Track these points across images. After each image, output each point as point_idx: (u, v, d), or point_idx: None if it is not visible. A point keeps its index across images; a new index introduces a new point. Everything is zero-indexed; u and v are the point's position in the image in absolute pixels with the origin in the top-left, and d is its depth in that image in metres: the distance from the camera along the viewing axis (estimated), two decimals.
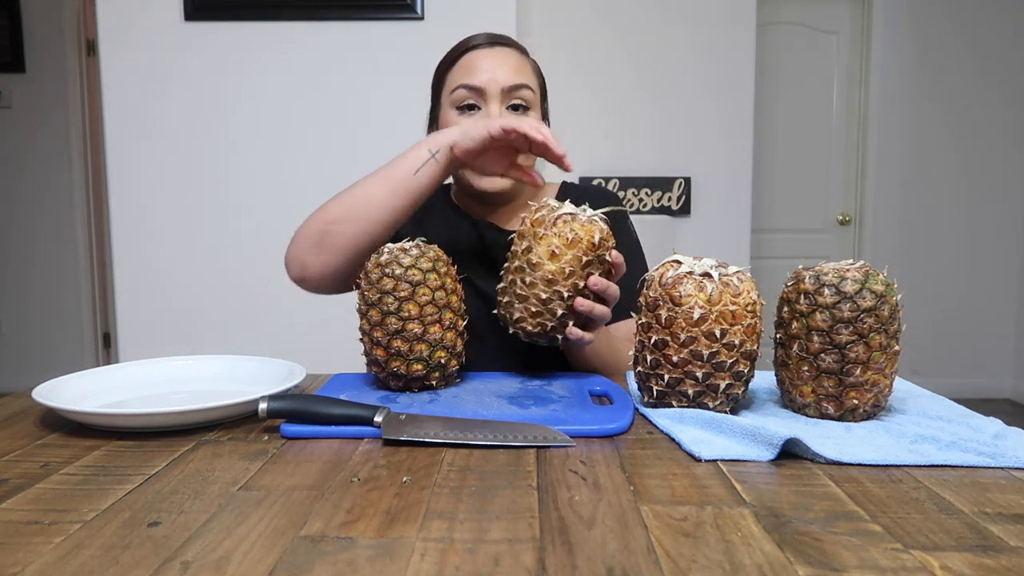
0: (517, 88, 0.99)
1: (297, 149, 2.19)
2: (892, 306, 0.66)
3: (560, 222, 0.77)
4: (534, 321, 0.80)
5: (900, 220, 3.63)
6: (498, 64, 1.00)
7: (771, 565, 0.40)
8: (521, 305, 0.80)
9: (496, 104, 0.99)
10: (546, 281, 0.77)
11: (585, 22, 3.09)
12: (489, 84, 0.98)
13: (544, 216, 0.78)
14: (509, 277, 0.81)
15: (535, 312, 0.79)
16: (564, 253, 0.76)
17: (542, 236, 0.77)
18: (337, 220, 0.93)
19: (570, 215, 0.78)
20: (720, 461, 0.57)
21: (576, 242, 0.77)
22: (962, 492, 0.51)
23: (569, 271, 0.77)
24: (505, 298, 0.82)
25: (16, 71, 3.63)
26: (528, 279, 0.78)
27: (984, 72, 3.56)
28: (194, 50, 2.15)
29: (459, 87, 1.00)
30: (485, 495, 0.50)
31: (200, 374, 0.86)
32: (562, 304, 0.78)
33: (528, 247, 0.78)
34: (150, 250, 2.20)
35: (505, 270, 0.83)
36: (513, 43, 1.05)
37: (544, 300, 0.78)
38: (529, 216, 0.80)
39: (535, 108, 1.03)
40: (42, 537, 0.44)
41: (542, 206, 0.80)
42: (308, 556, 0.41)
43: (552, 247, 0.77)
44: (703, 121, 3.10)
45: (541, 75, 1.07)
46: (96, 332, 3.85)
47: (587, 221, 0.78)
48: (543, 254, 0.77)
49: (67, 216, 3.74)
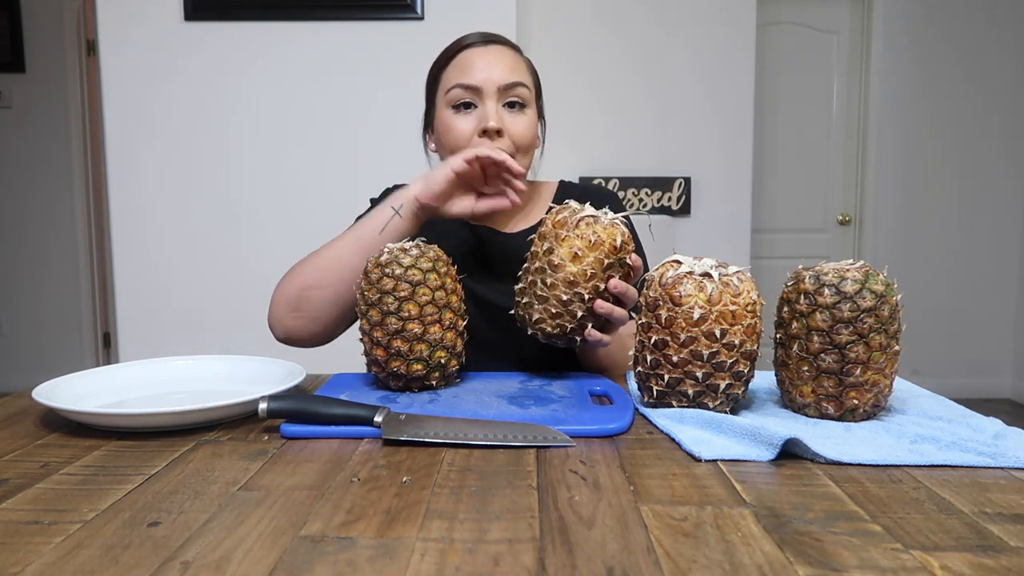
0: (513, 86, 0.99)
1: (297, 149, 2.19)
2: (892, 306, 0.66)
3: (583, 224, 0.77)
4: (553, 323, 0.79)
5: (900, 220, 3.63)
6: (493, 62, 0.99)
7: (771, 565, 0.40)
8: (541, 306, 0.79)
9: (492, 102, 0.98)
10: (567, 283, 0.77)
11: (585, 22, 3.09)
12: (485, 83, 0.98)
13: (566, 218, 0.78)
14: (529, 278, 0.80)
15: (555, 314, 0.78)
16: (586, 255, 0.76)
17: (564, 238, 0.77)
18: (311, 286, 0.93)
19: (592, 217, 0.77)
20: (720, 461, 0.57)
21: (598, 244, 0.76)
22: (962, 492, 0.51)
23: (591, 273, 0.76)
24: (524, 299, 0.81)
25: (16, 71, 3.63)
26: (549, 280, 0.77)
27: (984, 72, 3.56)
28: (194, 50, 2.15)
29: (455, 86, 0.99)
30: (485, 495, 0.50)
31: (200, 374, 0.85)
32: (582, 306, 0.78)
33: (550, 248, 0.78)
34: (150, 250, 2.20)
35: (524, 271, 0.82)
36: (507, 41, 1.05)
37: (565, 302, 0.77)
38: (551, 217, 0.80)
39: (531, 106, 1.02)
40: (42, 537, 0.44)
41: (564, 207, 0.80)
42: (308, 556, 0.41)
43: (575, 249, 0.76)
44: (703, 121, 3.10)
45: (536, 73, 1.07)
46: (96, 332, 3.85)
47: (609, 224, 0.77)
48: (565, 256, 0.76)
49: (67, 216, 3.74)
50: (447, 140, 1.00)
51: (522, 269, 0.83)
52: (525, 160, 1.03)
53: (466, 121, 0.99)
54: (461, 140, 0.99)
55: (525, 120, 1.00)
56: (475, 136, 0.98)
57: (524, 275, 0.82)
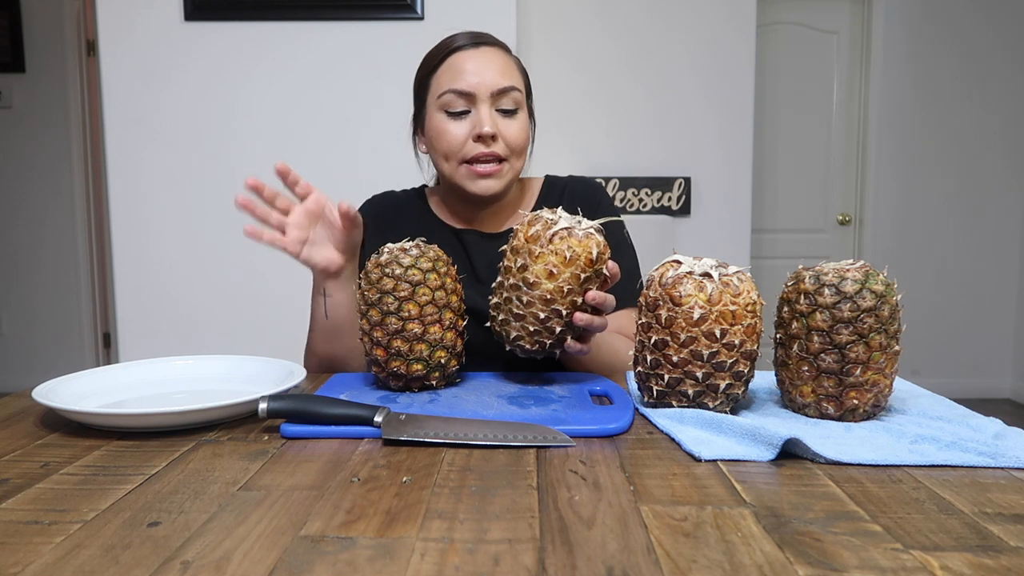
0: (506, 91, 0.99)
1: (297, 149, 2.19)
2: (892, 306, 0.66)
3: (556, 239, 0.73)
4: (532, 340, 0.77)
5: (900, 220, 3.63)
6: (485, 66, 0.99)
7: (771, 565, 0.40)
8: (518, 324, 0.76)
9: (486, 107, 0.98)
10: (544, 301, 0.74)
11: (585, 22, 3.09)
12: (478, 88, 0.97)
13: (539, 232, 0.74)
14: (504, 294, 0.78)
15: (533, 331, 0.76)
16: (562, 272, 0.73)
17: (538, 255, 0.73)
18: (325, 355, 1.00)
19: (566, 230, 0.74)
20: (720, 461, 0.57)
21: (574, 260, 0.73)
22: (962, 492, 0.51)
23: (568, 289, 0.74)
24: (500, 315, 0.79)
25: (16, 71, 3.63)
26: (525, 298, 0.75)
27: (984, 72, 3.56)
28: (194, 50, 2.15)
29: (447, 91, 0.98)
30: (485, 495, 0.50)
31: (200, 374, 0.85)
32: (560, 322, 0.76)
33: (524, 265, 0.74)
34: (150, 250, 2.20)
35: (499, 285, 0.79)
36: (496, 41, 1.04)
37: (542, 320, 0.75)
38: (523, 230, 0.76)
39: (523, 108, 1.02)
40: (42, 537, 0.44)
41: (536, 219, 0.76)
42: (308, 556, 0.41)
43: (549, 266, 0.73)
44: (703, 121, 3.10)
45: (525, 72, 1.07)
46: (96, 332, 3.85)
47: (584, 236, 0.74)
48: (540, 273, 0.73)
49: (67, 216, 3.74)
50: (440, 145, 1.00)
51: (496, 282, 0.80)
52: (520, 163, 1.03)
53: (460, 127, 0.99)
54: (455, 145, 0.99)
55: (518, 123, 1.00)
56: (469, 141, 0.98)
57: (498, 289, 0.79)
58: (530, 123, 1.06)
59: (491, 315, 0.81)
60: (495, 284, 0.80)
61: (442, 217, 1.11)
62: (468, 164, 0.99)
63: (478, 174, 0.99)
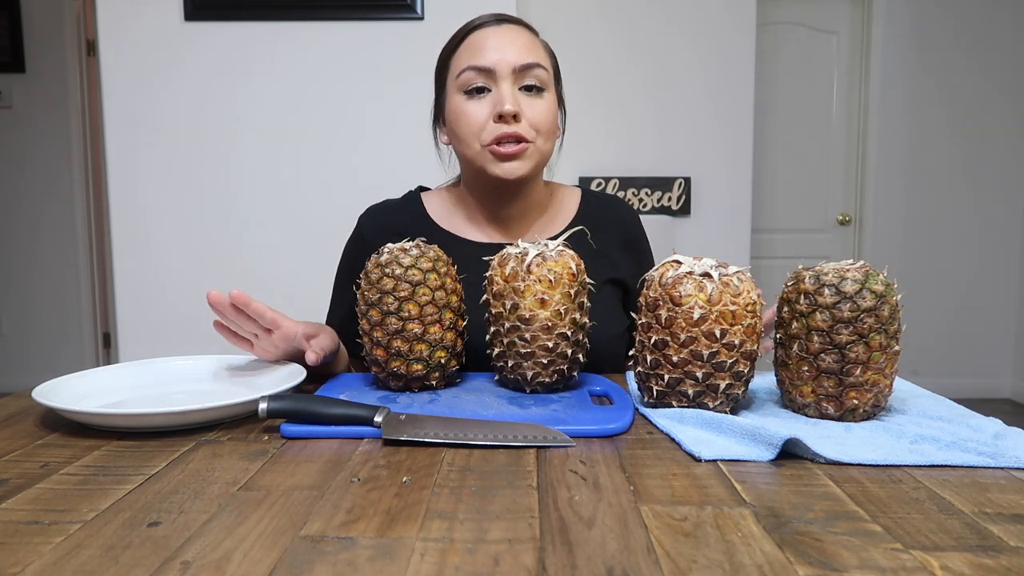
0: (530, 67, 0.91)
1: (297, 149, 2.19)
2: (892, 306, 0.66)
3: (534, 267, 0.74)
4: (549, 371, 0.76)
5: (900, 220, 3.63)
6: (507, 42, 0.92)
7: (771, 565, 0.40)
8: (530, 363, 0.76)
9: (508, 84, 0.90)
10: (545, 329, 0.74)
11: (585, 22, 3.09)
12: (498, 64, 0.90)
13: (516, 269, 0.75)
14: (504, 340, 0.77)
15: (548, 363, 0.76)
16: (552, 295, 0.74)
17: (524, 289, 0.74)
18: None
19: (539, 256, 0.75)
20: (720, 461, 0.57)
21: (559, 280, 0.74)
22: (962, 492, 0.51)
23: (564, 310, 0.74)
24: (510, 362, 0.77)
25: (16, 71, 3.63)
26: (528, 335, 0.74)
27: (984, 71, 3.56)
28: (194, 50, 2.15)
29: (466, 69, 0.92)
30: (485, 495, 0.50)
31: (200, 374, 0.85)
32: (569, 344, 0.76)
33: (514, 304, 0.75)
34: (150, 250, 2.20)
35: (494, 335, 0.79)
36: (521, 21, 0.97)
37: (551, 348, 0.75)
38: (497, 275, 0.77)
39: (549, 90, 0.95)
40: (42, 537, 0.44)
41: (504, 259, 0.77)
42: (308, 556, 0.41)
43: (539, 295, 0.74)
44: (703, 121, 3.10)
45: (554, 56, 1.00)
46: (96, 332, 3.85)
47: (557, 255, 0.75)
48: (532, 305, 0.74)
49: (67, 216, 3.74)
50: (460, 128, 0.94)
51: (490, 334, 0.80)
52: (548, 145, 0.95)
53: (480, 106, 0.92)
54: (475, 126, 0.92)
55: (543, 103, 0.93)
56: (490, 122, 0.91)
57: (495, 340, 0.79)
58: (560, 111, 0.99)
59: (495, 365, 0.80)
60: (488, 336, 0.80)
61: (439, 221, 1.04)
62: (491, 147, 0.92)
63: (501, 156, 0.91)
